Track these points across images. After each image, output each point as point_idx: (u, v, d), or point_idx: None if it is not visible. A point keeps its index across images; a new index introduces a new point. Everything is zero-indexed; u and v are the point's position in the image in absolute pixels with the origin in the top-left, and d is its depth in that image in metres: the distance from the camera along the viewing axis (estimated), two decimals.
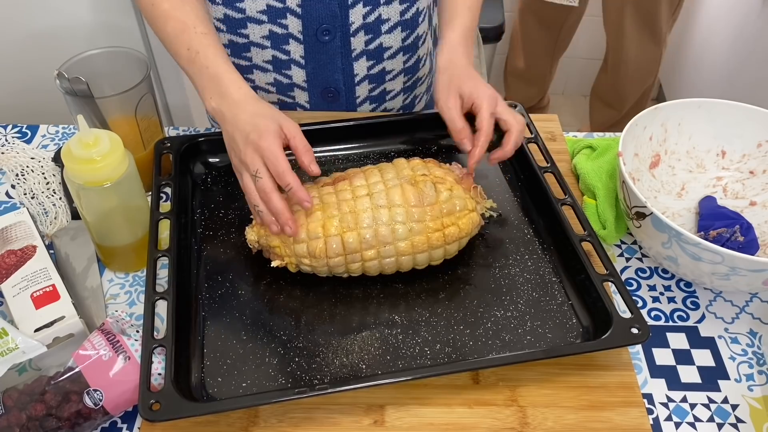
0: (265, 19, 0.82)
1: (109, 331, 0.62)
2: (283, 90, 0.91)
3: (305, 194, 0.64)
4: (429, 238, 0.66)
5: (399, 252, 0.66)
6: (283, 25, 0.83)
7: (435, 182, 0.67)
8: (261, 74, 0.89)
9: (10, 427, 0.57)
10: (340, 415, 0.61)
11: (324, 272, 0.68)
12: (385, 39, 0.87)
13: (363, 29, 0.85)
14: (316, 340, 0.65)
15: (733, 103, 0.80)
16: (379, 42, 0.87)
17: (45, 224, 0.79)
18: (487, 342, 0.65)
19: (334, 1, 0.81)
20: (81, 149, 0.64)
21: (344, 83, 0.89)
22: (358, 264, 0.67)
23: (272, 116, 0.66)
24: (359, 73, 0.89)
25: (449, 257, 0.70)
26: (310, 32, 0.83)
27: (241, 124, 0.66)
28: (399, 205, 0.66)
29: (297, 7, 0.81)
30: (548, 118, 0.93)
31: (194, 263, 0.72)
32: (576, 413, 0.61)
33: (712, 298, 0.74)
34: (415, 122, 0.86)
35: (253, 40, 0.85)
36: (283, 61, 0.87)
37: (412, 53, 0.91)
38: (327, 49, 0.85)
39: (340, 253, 0.65)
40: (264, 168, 0.64)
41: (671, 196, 0.83)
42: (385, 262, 0.67)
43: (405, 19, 0.87)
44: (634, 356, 0.69)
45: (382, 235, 0.65)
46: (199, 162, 0.82)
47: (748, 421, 0.64)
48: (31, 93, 1.34)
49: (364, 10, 0.83)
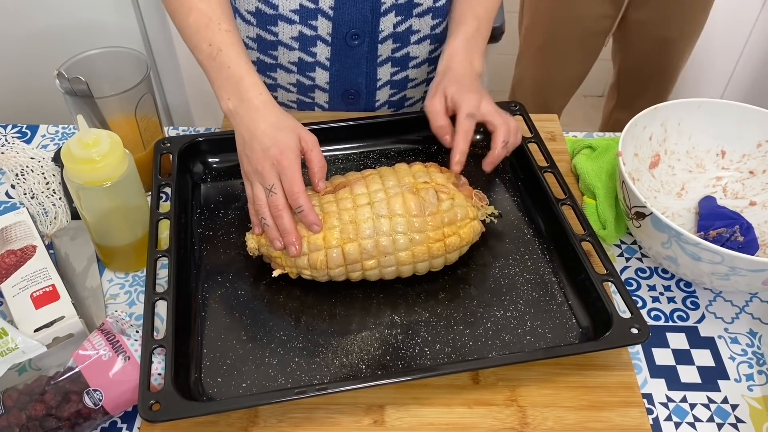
0: (296, 19, 0.82)
1: (109, 331, 0.62)
2: (303, 91, 0.91)
3: (316, 218, 0.64)
4: (430, 248, 0.66)
5: (399, 261, 0.66)
6: (313, 26, 0.82)
7: (437, 190, 0.67)
8: (284, 74, 0.89)
9: (10, 427, 0.57)
10: (340, 415, 0.61)
11: (324, 279, 0.68)
12: (412, 49, 0.87)
13: (392, 37, 0.85)
14: (316, 340, 0.65)
15: (733, 103, 0.80)
16: (406, 51, 0.87)
17: (45, 224, 0.79)
18: (487, 342, 0.65)
19: (367, 7, 0.80)
20: (81, 149, 0.64)
21: (366, 86, 0.90)
22: (358, 273, 0.67)
23: (293, 128, 0.66)
24: (382, 78, 0.89)
25: (449, 264, 0.70)
26: (340, 35, 0.83)
27: (259, 134, 0.65)
28: (400, 215, 0.65)
29: (329, 9, 0.80)
30: (548, 118, 0.93)
31: (194, 263, 0.72)
32: (576, 413, 0.61)
33: (712, 298, 0.74)
34: (415, 122, 0.86)
35: (281, 39, 0.84)
36: (308, 63, 0.87)
37: (436, 65, 0.92)
38: (354, 53, 0.85)
39: (341, 264, 0.65)
40: (279, 184, 0.64)
41: (671, 196, 0.83)
42: (385, 271, 0.67)
43: (435, 33, 0.87)
44: (634, 356, 0.69)
45: (382, 246, 0.65)
46: (199, 162, 0.82)
47: (747, 421, 0.64)
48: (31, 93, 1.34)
49: (396, 20, 0.83)
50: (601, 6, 1.44)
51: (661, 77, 1.60)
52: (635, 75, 1.63)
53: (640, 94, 1.65)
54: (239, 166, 0.69)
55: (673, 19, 1.45)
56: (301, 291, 0.69)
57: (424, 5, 0.83)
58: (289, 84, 0.90)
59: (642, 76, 1.62)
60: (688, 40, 1.51)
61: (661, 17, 1.44)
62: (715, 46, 1.85)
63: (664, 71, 1.58)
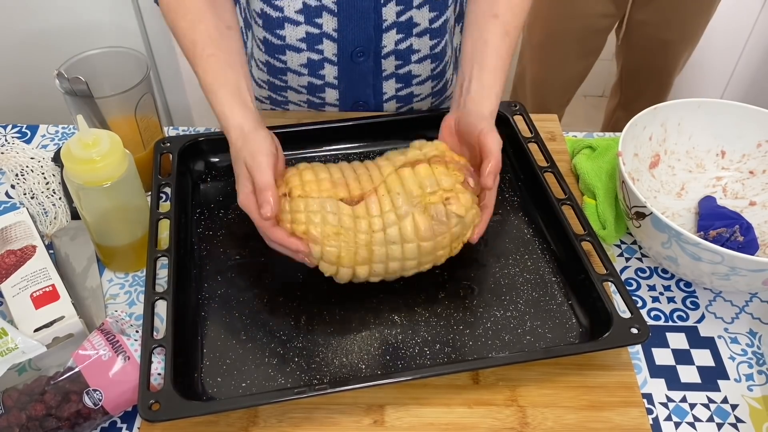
0: (303, 47, 0.84)
1: (109, 331, 0.62)
2: (314, 107, 0.93)
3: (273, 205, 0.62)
4: (436, 258, 0.67)
5: (405, 272, 0.67)
6: (320, 50, 0.84)
7: (445, 204, 0.65)
8: (295, 94, 0.92)
9: (10, 427, 0.57)
10: (340, 415, 0.61)
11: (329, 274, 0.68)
12: (414, 67, 0.89)
13: (394, 54, 0.86)
14: (315, 340, 0.65)
15: (733, 103, 0.80)
16: (409, 69, 0.89)
17: (45, 224, 0.79)
18: (486, 342, 0.65)
19: (370, 25, 0.82)
20: (81, 149, 0.64)
21: (374, 98, 0.91)
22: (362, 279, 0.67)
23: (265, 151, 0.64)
24: (388, 92, 0.91)
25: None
26: (345, 55, 0.85)
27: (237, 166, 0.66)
28: (410, 241, 0.64)
29: (333, 32, 0.82)
30: (548, 118, 0.93)
31: (194, 263, 0.72)
32: (576, 413, 0.61)
33: (712, 298, 0.74)
34: (415, 122, 0.86)
35: (290, 66, 0.87)
36: (318, 86, 0.89)
37: (440, 79, 0.94)
38: (360, 69, 0.87)
39: (348, 278, 0.66)
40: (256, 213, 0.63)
41: (671, 196, 0.83)
42: (389, 277, 0.67)
43: (435, 53, 0.89)
44: (634, 356, 0.69)
45: (392, 269, 0.66)
46: (199, 162, 0.82)
47: (747, 421, 0.64)
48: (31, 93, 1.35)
49: (397, 37, 0.84)
50: (602, 5, 1.44)
51: (659, 79, 1.60)
52: (635, 75, 1.63)
53: (640, 94, 1.66)
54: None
55: (674, 22, 1.45)
56: (301, 291, 0.69)
57: (422, 26, 0.85)
58: (300, 102, 0.93)
59: (641, 76, 1.62)
60: (686, 43, 1.51)
61: (661, 19, 1.44)
62: (715, 47, 1.85)
63: (662, 73, 1.58)
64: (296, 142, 0.83)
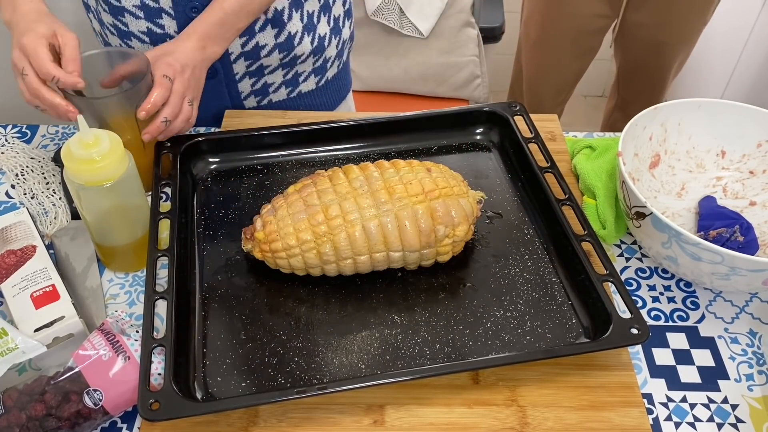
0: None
1: (109, 331, 0.62)
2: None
3: (72, 79, 0.67)
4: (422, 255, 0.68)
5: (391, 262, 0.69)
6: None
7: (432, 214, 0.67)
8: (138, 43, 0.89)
9: (10, 427, 0.57)
10: (340, 415, 0.61)
11: (317, 273, 0.69)
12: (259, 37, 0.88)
13: None
14: (315, 340, 0.65)
15: (733, 103, 0.80)
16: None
17: (45, 224, 0.79)
18: (486, 342, 0.65)
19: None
20: (81, 149, 0.64)
21: (220, 60, 0.89)
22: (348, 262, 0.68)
23: (48, 23, 0.70)
24: (234, 51, 0.89)
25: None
26: (180, 8, 0.83)
27: (19, 32, 0.70)
28: (398, 250, 0.67)
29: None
30: (548, 118, 0.93)
31: (194, 263, 0.72)
32: (576, 413, 0.61)
33: (712, 298, 0.74)
34: (415, 122, 0.86)
35: (125, 5, 0.85)
36: (159, 34, 0.87)
37: (281, 27, 0.90)
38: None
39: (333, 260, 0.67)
40: (29, 66, 0.68)
41: (671, 196, 0.83)
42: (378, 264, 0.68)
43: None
44: (634, 356, 0.69)
45: (377, 260, 0.67)
46: (199, 162, 0.82)
47: (747, 421, 0.64)
48: None
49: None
50: (596, 5, 1.44)
51: (654, 80, 1.60)
52: (632, 76, 1.63)
53: (636, 95, 1.66)
54: (240, 165, 0.69)
55: (670, 24, 1.45)
56: (301, 291, 0.69)
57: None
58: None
59: (637, 78, 1.62)
60: (681, 46, 1.52)
61: (657, 21, 1.44)
62: (715, 47, 1.85)
63: (657, 74, 1.58)
64: (296, 142, 0.84)
